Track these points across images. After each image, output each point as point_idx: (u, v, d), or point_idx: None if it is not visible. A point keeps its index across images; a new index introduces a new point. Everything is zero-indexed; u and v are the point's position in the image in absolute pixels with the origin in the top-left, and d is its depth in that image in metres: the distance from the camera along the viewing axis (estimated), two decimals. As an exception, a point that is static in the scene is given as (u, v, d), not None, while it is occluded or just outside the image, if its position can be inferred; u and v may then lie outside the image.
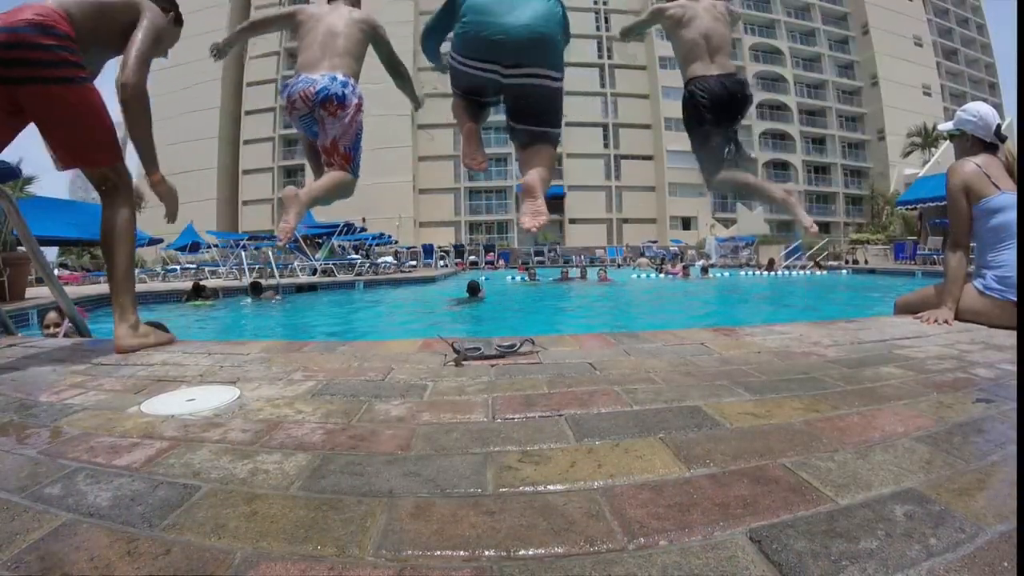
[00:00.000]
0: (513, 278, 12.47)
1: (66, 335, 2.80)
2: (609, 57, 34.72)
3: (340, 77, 2.42)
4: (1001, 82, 41.76)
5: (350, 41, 2.50)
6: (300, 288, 8.23)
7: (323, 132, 2.45)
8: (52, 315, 3.21)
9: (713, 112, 2.61)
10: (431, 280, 11.31)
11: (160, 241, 14.87)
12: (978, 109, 2.19)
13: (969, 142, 2.22)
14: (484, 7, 2.07)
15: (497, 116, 2.39)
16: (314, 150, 2.60)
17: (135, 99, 1.75)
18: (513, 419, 1.01)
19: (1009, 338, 1.75)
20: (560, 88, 2.24)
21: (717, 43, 2.65)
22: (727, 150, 2.72)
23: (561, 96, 2.27)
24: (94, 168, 1.76)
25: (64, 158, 1.70)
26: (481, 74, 2.15)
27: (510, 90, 2.20)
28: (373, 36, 2.61)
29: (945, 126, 2.37)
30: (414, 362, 1.50)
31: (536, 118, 2.28)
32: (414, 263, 17.39)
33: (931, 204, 12.63)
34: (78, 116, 1.65)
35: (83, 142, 1.70)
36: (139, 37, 1.76)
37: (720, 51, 2.66)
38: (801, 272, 13.33)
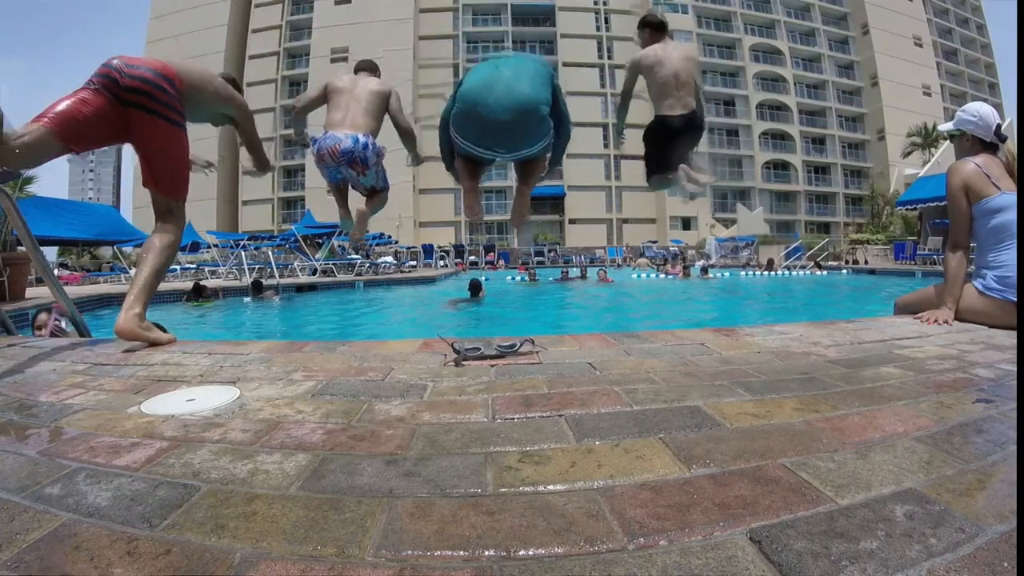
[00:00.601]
0: (513, 278, 12.45)
1: (53, 334, 2.79)
2: (609, 57, 34.70)
3: (361, 138, 2.92)
4: (1001, 82, 41.75)
5: (371, 104, 3.04)
6: (300, 288, 8.22)
7: (358, 184, 3.13)
8: (42, 316, 3.18)
9: (673, 139, 3.20)
10: (431, 280, 11.29)
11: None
12: (978, 109, 2.19)
13: (969, 142, 2.21)
14: (472, 97, 2.14)
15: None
16: (339, 189, 3.26)
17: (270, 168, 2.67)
18: (513, 419, 1.01)
19: (1009, 338, 1.75)
20: (553, 138, 2.35)
21: (684, 79, 3.11)
22: (677, 161, 3.24)
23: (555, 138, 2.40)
24: (162, 196, 2.06)
25: (145, 177, 2.03)
26: (482, 156, 2.30)
27: (510, 160, 2.41)
28: (387, 100, 3.14)
29: (945, 126, 2.37)
30: (414, 362, 1.50)
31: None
32: (414, 263, 17.35)
33: (931, 204, 12.60)
34: (166, 151, 2.02)
35: (163, 173, 2.04)
36: (254, 131, 2.57)
37: (685, 87, 3.12)
38: (801, 272, 13.32)
